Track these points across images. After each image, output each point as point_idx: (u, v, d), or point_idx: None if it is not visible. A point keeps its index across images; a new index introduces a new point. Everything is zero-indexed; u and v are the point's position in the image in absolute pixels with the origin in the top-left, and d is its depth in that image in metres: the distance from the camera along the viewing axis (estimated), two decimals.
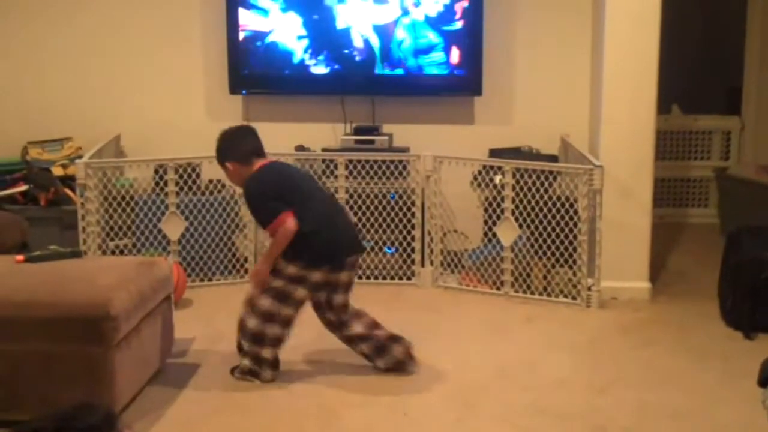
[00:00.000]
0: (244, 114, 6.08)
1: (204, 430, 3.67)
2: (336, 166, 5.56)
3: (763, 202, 6.29)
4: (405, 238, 5.57)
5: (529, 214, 5.28)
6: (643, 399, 3.93)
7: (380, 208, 5.57)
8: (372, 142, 5.80)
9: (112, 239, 5.50)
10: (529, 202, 5.26)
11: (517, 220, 5.31)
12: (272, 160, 4.25)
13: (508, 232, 5.33)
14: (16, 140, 6.03)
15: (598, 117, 5.36)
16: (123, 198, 5.49)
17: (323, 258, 4.02)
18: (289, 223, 3.94)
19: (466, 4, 5.72)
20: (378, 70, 5.83)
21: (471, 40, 5.79)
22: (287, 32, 5.83)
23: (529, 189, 5.25)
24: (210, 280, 5.59)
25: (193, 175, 5.51)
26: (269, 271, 4.02)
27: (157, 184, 5.54)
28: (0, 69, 6.15)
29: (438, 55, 5.83)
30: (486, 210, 5.54)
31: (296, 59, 5.86)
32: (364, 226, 5.54)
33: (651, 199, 5.32)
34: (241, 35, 5.83)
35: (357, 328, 4.15)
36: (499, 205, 5.38)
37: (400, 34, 5.80)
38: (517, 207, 5.30)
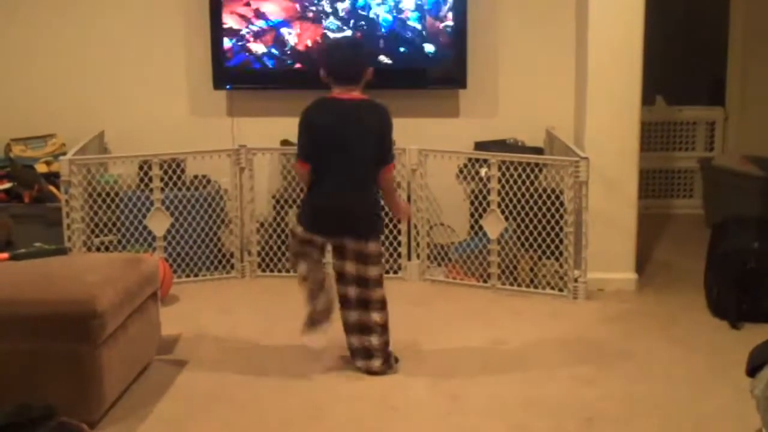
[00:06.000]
0: (228, 109, 6.06)
1: (192, 427, 3.65)
2: None
3: (747, 192, 6.30)
4: (391, 231, 5.56)
5: (515, 207, 5.28)
6: (631, 390, 3.94)
7: None
8: None
9: (97, 236, 5.47)
10: (515, 194, 5.26)
11: (503, 212, 5.31)
12: (349, 97, 4.04)
13: (494, 225, 5.33)
14: None
15: (583, 109, 5.36)
16: (108, 194, 5.47)
17: (305, 220, 4.08)
18: (302, 168, 4.07)
19: None
20: None
21: (455, 32, 5.78)
22: (273, 25, 5.82)
23: (515, 181, 5.25)
24: (196, 275, 5.57)
25: (178, 171, 5.49)
26: None
27: (141, 180, 5.51)
28: None
29: (423, 49, 5.83)
30: (472, 203, 5.54)
31: (280, 53, 5.84)
32: None
33: (636, 190, 5.32)
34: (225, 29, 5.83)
35: (352, 317, 4.12)
36: (485, 197, 5.38)
37: (386, 27, 5.79)
38: (503, 199, 5.30)
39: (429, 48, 5.82)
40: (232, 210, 5.65)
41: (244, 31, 5.81)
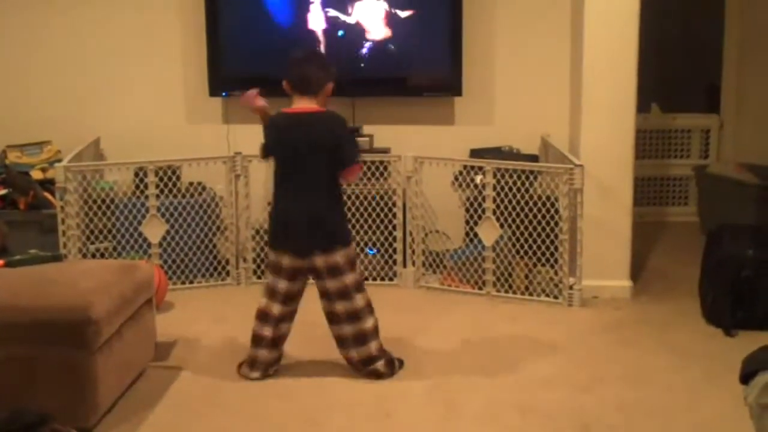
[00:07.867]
0: (224, 116, 6.06)
1: None
2: None
3: (742, 199, 6.31)
4: (386, 239, 5.57)
5: (510, 214, 5.29)
6: (626, 397, 3.95)
7: (361, 209, 5.57)
8: None
9: (92, 243, 5.47)
10: (510, 201, 5.27)
11: (498, 220, 5.31)
12: (303, 109, 4.08)
13: (489, 232, 5.33)
14: None
15: (578, 116, 5.37)
16: (103, 201, 5.47)
17: (273, 239, 4.17)
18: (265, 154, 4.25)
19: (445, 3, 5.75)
20: (359, 72, 5.82)
21: (450, 40, 5.79)
22: (268, 33, 5.82)
23: (510, 189, 5.26)
24: (191, 282, 5.57)
25: (174, 178, 5.49)
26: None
27: (137, 186, 5.52)
28: None
29: (418, 56, 5.85)
30: (467, 210, 5.55)
31: (276, 60, 5.83)
32: None
33: (631, 197, 5.33)
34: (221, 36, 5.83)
35: (346, 330, 4.12)
36: (480, 205, 5.38)
37: (381, 34, 5.79)
38: (498, 207, 5.30)
39: (424, 55, 5.84)
40: (227, 217, 5.65)
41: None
